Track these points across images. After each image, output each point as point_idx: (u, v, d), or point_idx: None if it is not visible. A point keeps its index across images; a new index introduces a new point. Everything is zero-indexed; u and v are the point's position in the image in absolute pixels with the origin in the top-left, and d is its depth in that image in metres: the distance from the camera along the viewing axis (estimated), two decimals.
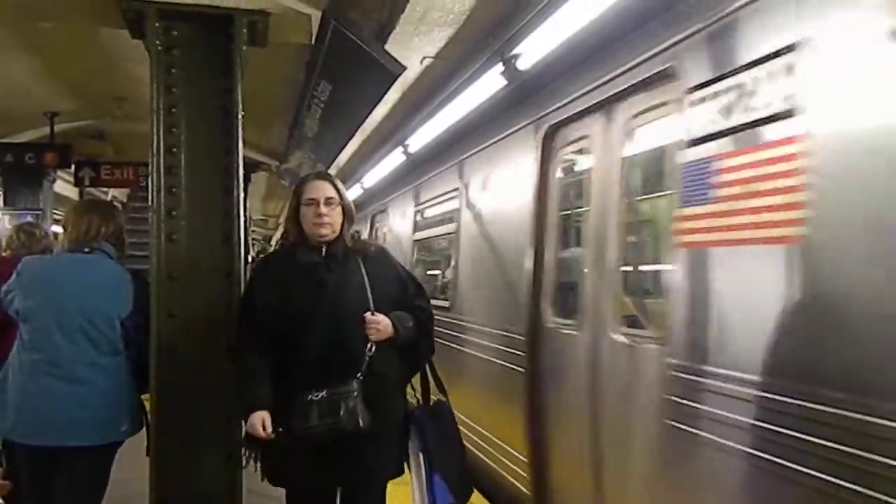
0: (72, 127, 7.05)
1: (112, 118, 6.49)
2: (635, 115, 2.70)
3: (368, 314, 2.37)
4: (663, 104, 2.49)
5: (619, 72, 2.71)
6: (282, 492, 2.48)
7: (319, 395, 2.29)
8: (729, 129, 2.09)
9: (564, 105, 3.18)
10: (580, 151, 3.23)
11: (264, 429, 2.30)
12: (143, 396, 2.76)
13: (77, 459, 2.50)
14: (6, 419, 2.49)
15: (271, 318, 2.38)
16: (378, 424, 2.34)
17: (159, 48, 2.83)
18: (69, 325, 2.53)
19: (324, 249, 2.45)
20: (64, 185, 9.22)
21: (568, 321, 3.15)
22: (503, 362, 3.68)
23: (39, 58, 4.66)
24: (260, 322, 2.41)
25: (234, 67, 2.88)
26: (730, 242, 2.07)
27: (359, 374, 2.34)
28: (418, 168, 5.92)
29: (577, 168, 3.34)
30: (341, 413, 2.28)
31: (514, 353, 3.53)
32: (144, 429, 2.75)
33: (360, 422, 2.28)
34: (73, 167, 7.91)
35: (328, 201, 2.44)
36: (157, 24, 2.82)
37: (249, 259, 10.91)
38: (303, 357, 2.35)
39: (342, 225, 2.48)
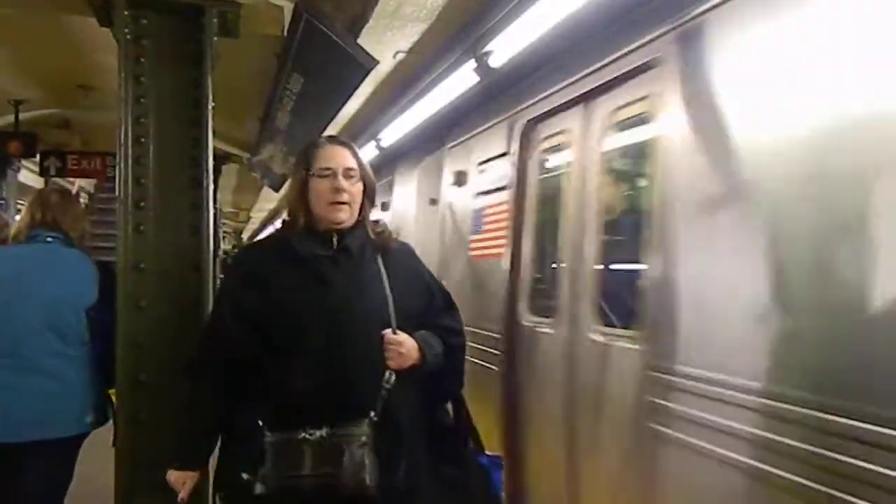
0: (37, 115, 6.89)
1: (79, 107, 6.37)
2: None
3: (389, 332, 1.81)
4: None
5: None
6: None
7: (317, 434, 1.71)
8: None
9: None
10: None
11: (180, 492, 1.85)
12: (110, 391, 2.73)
13: (43, 453, 2.47)
14: None
15: (249, 327, 1.83)
16: (390, 487, 1.73)
17: (128, 37, 2.78)
18: (33, 316, 2.49)
19: (335, 239, 1.88)
20: (29, 175, 9.01)
21: None
22: None
23: (3, 45, 4.55)
24: (229, 336, 1.86)
25: (204, 58, 2.85)
26: None
27: (372, 413, 1.74)
28: None
29: None
30: (345, 463, 1.68)
31: None
32: (111, 421, 2.73)
33: (367, 478, 1.69)
34: (38, 156, 7.73)
35: (348, 173, 1.88)
36: (125, 13, 2.77)
37: (220, 253, 10.81)
38: (291, 382, 1.78)
39: (362, 206, 1.94)
